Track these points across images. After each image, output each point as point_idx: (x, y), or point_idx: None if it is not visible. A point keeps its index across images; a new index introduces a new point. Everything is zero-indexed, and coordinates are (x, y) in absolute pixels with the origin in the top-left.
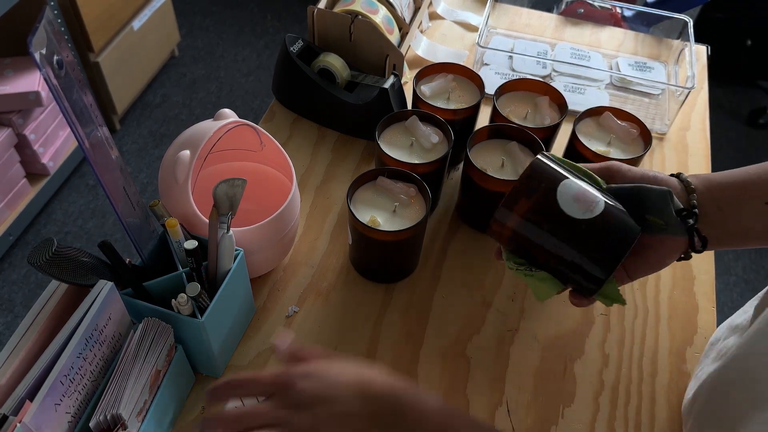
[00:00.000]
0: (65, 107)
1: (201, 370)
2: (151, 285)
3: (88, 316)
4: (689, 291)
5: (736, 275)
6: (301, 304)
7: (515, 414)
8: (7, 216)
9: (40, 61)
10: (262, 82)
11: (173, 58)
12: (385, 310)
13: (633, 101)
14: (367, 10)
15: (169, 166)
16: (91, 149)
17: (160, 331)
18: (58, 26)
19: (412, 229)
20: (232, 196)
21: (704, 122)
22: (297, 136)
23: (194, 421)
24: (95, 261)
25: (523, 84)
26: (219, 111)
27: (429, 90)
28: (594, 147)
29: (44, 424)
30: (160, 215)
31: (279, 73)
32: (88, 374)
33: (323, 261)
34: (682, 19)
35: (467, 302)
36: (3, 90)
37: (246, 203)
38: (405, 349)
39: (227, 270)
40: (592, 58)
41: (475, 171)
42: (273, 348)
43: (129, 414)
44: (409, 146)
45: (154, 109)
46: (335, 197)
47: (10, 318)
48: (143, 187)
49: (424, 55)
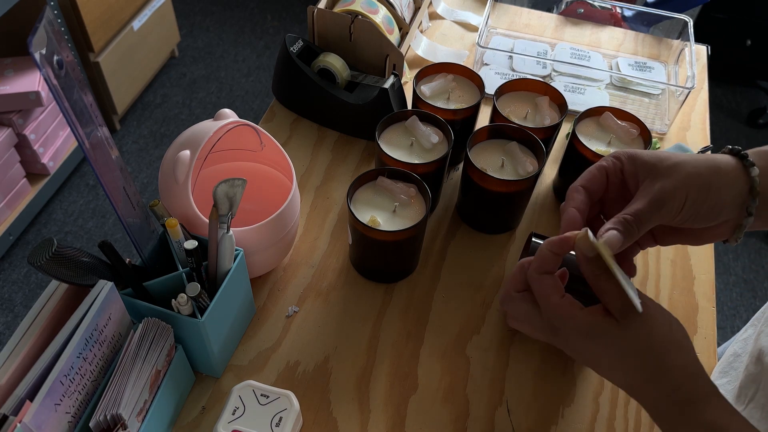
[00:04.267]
0: (65, 107)
1: (201, 370)
2: (151, 285)
3: (88, 316)
4: (689, 291)
5: (736, 275)
6: (301, 304)
7: (515, 414)
8: (7, 216)
9: (40, 61)
10: (262, 82)
11: (173, 58)
12: (385, 310)
13: (633, 101)
14: (367, 10)
15: (169, 166)
16: (91, 149)
17: (160, 331)
18: (58, 26)
19: (412, 229)
20: (232, 196)
21: (704, 122)
22: (297, 136)
23: (194, 421)
24: (95, 261)
25: (523, 84)
26: (219, 111)
27: (429, 90)
28: (594, 147)
29: (44, 424)
30: (160, 215)
31: (279, 73)
32: (88, 374)
33: (323, 261)
34: (682, 19)
35: (467, 302)
36: (3, 90)
37: (246, 203)
38: (405, 349)
39: (227, 270)
40: (592, 58)
41: (475, 171)
42: (275, 348)
43: (129, 414)
44: (409, 146)
45: (154, 109)
46: (335, 197)
47: (10, 318)
48: (143, 187)
49: (424, 55)
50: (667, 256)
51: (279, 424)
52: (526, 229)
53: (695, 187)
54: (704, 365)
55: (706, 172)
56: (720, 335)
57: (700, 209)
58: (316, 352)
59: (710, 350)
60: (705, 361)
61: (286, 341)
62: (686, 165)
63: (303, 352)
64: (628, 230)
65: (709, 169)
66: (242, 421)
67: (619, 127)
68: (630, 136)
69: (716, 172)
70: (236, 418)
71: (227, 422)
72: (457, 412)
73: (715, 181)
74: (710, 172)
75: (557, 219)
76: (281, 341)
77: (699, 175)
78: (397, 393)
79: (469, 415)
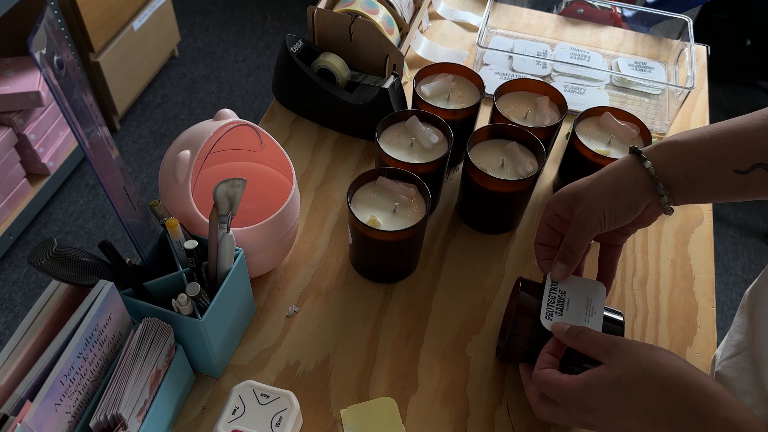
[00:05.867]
0: (65, 107)
1: (201, 370)
2: (151, 285)
3: (89, 316)
4: (689, 291)
5: (736, 275)
6: (301, 304)
7: (515, 414)
8: (8, 216)
9: (40, 61)
10: (262, 82)
11: (173, 58)
12: (385, 310)
13: (633, 101)
14: (367, 10)
15: (169, 166)
16: (92, 149)
17: (160, 331)
18: (59, 26)
19: (412, 229)
20: (232, 196)
21: (704, 122)
22: (297, 136)
23: (194, 421)
24: (95, 261)
25: (523, 84)
26: (219, 111)
27: (429, 90)
28: (594, 147)
29: (44, 424)
30: (160, 215)
31: (279, 73)
32: (88, 374)
33: (323, 261)
34: (682, 19)
35: (467, 302)
36: (3, 90)
37: (246, 203)
38: (405, 349)
39: (227, 270)
40: (592, 58)
41: (475, 171)
42: (275, 348)
43: (129, 414)
44: (409, 146)
45: (154, 109)
46: (335, 197)
47: (11, 318)
48: (143, 187)
49: (424, 55)
50: (667, 256)
51: (279, 424)
52: (526, 229)
53: (605, 198)
54: (704, 365)
55: (610, 181)
56: (720, 335)
57: (618, 212)
58: (316, 352)
59: (710, 350)
60: (705, 361)
61: (286, 341)
62: (595, 183)
63: (303, 352)
64: (567, 258)
65: (612, 176)
66: (242, 421)
67: (619, 127)
68: (630, 136)
69: (618, 176)
70: (236, 418)
71: (227, 422)
72: (457, 412)
73: (620, 184)
74: (613, 179)
75: None
76: (281, 341)
77: (605, 186)
78: (397, 393)
79: (469, 415)
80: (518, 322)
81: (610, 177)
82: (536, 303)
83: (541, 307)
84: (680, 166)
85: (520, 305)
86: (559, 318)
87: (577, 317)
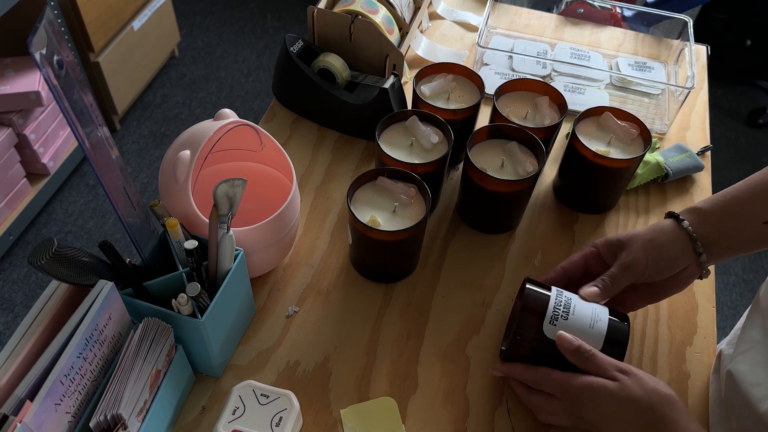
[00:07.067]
0: (65, 107)
1: (201, 370)
2: (151, 285)
3: (88, 316)
4: (689, 291)
5: (736, 275)
6: (301, 304)
7: (515, 414)
8: (8, 216)
9: (40, 61)
10: (262, 82)
11: (173, 58)
12: (385, 309)
13: (633, 101)
14: (367, 10)
15: (169, 166)
16: (92, 149)
17: (160, 331)
18: (58, 26)
19: (412, 229)
20: (232, 196)
21: (704, 122)
22: (297, 136)
23: (194, 421)
24: (95, 261)
25: (523, 84)
26: (219, 111)
27: (429, 90)
28: (594, 147)
29: (44, 424)
30: (160, 215)
31: (279, 73)
32: (88, 374)
33: (323, 261)
34: (682, 19)
35: (467, 302)
36: (3, 90)
37: (246, 203)
38: (405, 348)
39: (227, 270)
40: (592, 58)
41: (475, 171)
42: (275, 347)
43: (129, 414)
44: (409, 146)
45: (154, 109)
46: (335, 197)
47: (11, 318)
48: (143, 187)
49: (424, 55)
50: None
51: (279, 424)
52: (526, 229)
53: (651, 249)
54: (704, 365)
55: (655, 236)
56: (720, 335)
57: (660, 263)
58: (316, 352)
59: (710, 350)
60: (705, 362)
61: (286, 341)
62: (641, 235)
63: (303, 352)
64: (605, 287)
65: (657, 232)
66: (242, 421)
67: (619, 127)
68: (630, 136)
69: (662, 232)
70: (236, 418)
71: (227, 422)
72: (457, 412)
73: (663, 240)
74: (658, 234)
75: (557, 219)
76: (281, 341)
77: (651, 240)
78: (397, 393)
79: (469, 415)
80: (524, 322)
81: (653, 233)
82: (542, 305)
83: (547, 310)
84: (713, 224)
85: (525, 305)
86: (565, 322)
87: (582, 322)
